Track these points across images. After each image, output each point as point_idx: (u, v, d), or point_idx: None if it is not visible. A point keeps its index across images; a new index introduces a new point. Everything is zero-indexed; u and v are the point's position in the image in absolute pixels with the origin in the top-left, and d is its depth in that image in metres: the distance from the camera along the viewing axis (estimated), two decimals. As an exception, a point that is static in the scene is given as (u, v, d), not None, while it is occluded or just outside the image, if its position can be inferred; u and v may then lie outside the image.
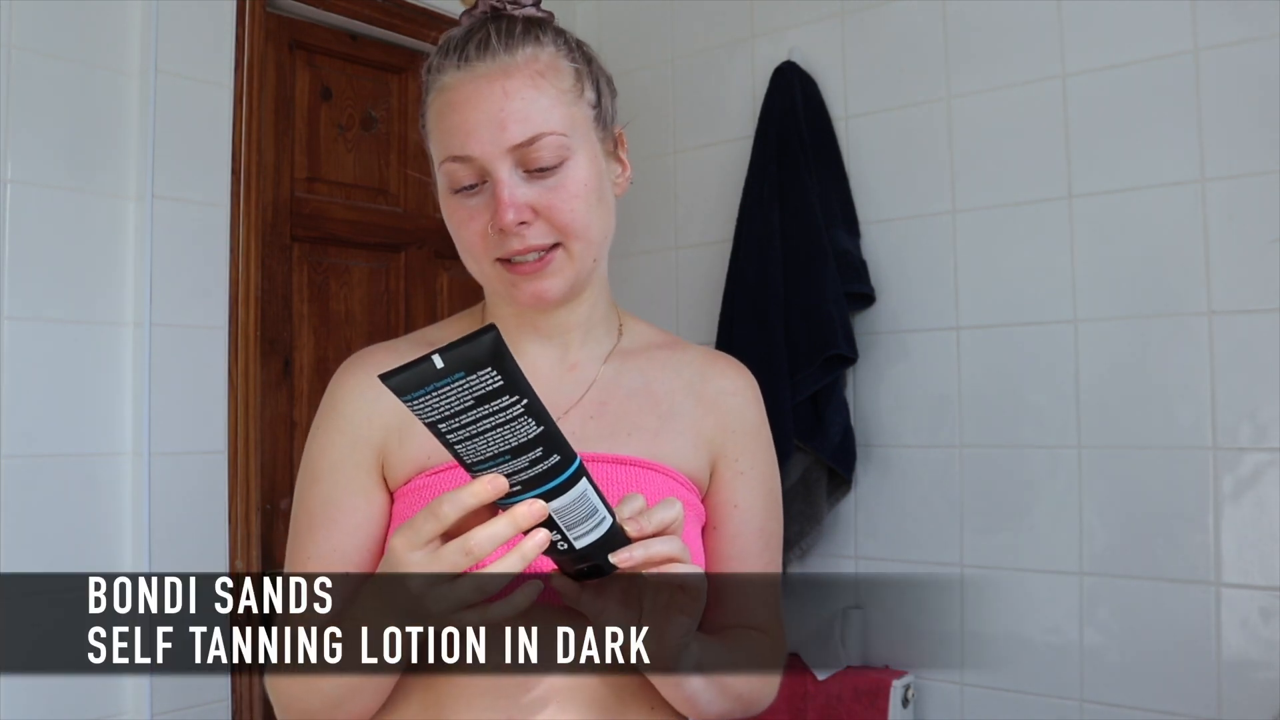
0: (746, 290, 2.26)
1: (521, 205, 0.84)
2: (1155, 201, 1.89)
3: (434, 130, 0.89)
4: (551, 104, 0.86)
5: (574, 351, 0.95)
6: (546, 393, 0.89)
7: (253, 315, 2.04)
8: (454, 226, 0.89)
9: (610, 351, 0.97)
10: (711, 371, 0.99)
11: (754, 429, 0.99)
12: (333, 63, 2.31)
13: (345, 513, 0.89)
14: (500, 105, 0.84)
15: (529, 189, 0.85)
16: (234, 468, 1.98)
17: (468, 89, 0.85)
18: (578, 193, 0.86)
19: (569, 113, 0.87)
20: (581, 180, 0.87)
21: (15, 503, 1.69)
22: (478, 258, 0.88)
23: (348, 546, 0.88)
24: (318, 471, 0.91)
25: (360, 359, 0.96)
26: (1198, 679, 1.80)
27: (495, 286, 0.90)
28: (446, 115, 0.87)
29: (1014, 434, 2.04)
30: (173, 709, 1.84)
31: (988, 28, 2.09)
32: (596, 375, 0.95)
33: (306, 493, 0.91)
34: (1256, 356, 1.78)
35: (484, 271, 0.89)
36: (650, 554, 0.70)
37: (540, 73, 0.86)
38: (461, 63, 0.86)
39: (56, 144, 1.78)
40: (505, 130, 0.84)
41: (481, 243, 0.87)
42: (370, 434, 0.91)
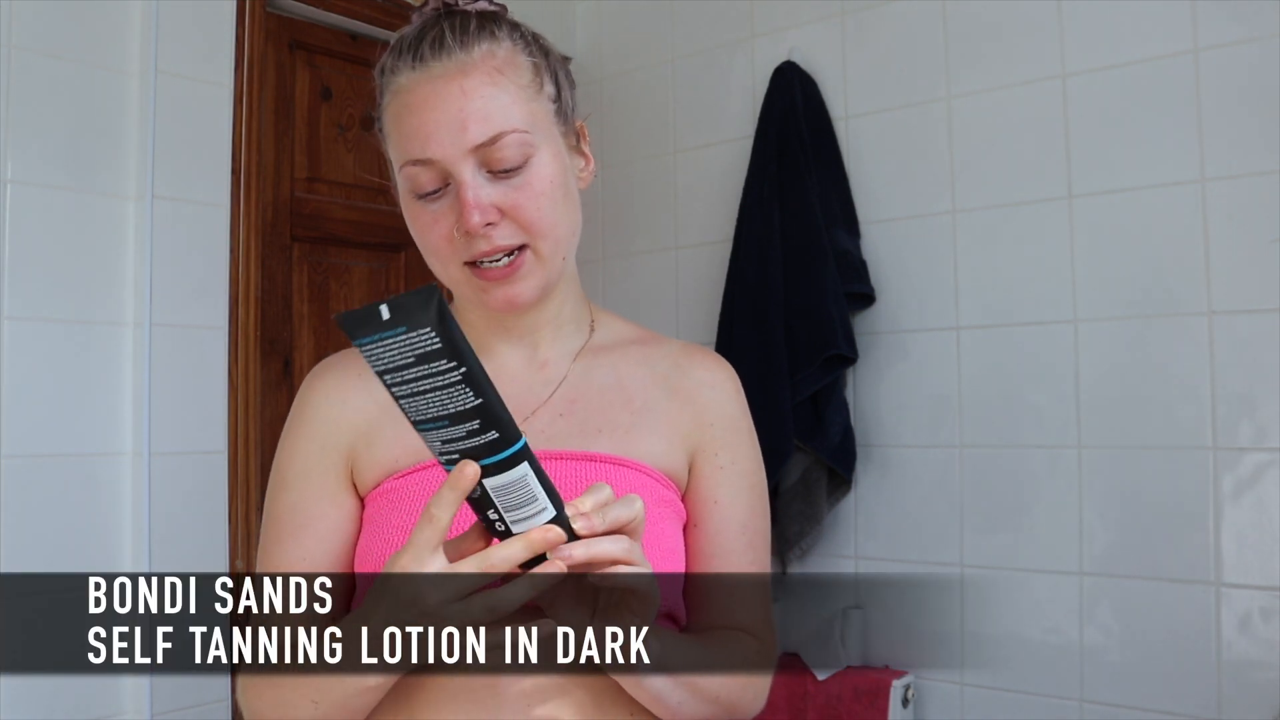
0: (746, 290, 2.26)
1: (487, 206, 0.82)
2: (1155, 201, 1.89)
3: (391, 134, 0.87)
4: (512, 101, 0.84)
5: (543, 349, 0.93)
6: (516, 392, 0.88)
7: (253, 315, 2.04)
8: (418, 232, 0.87)
9: (581, 348, 0.95)
10: (688, 364, 0.96)
11: (733, 422, 0.95)
12: (333, 63, 2.31)
13: (314, 520, 0.88)
14: (459, 105, 0.82)
15: (493, 189, 0.83)
16: (234, 468, 1.98)
17: (424, 90, 0.84)
18: (544, 190, 0.84)
19: (529, 109, 0.85)
20: (547, 177, 0.85)
21: (15, 503, 1.69)
22: (445, 262, 0.86)
23: (318, 554, 0.87)
24: (286, 479, 0.90)
25: (328, 364, 0.95)
26: (1198, 679, 1.80)
27: (464, 291, 0.88)
28: (404, 118, 0.85)
29: (1014, 434, 2.04)
30: (173, 709, 1.84)
31: (988, 28, 2.09)
32: (566, 373, 0.93)
33: (275, 500, 0.90)
34: (1256, 356, 1.78)
35: (452, 276, 0.87)
36: (592, 553, 0.67)
37: (498, 69, 0.84)
38: (417, 63, 0.84)
39: (56, 144, 1.78)
40: (466, 131, 0.82)
41: (448, 247, 0.84)
42: (338, 439, 0.89)
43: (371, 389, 0.89)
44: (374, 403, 0.89)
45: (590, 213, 0.95)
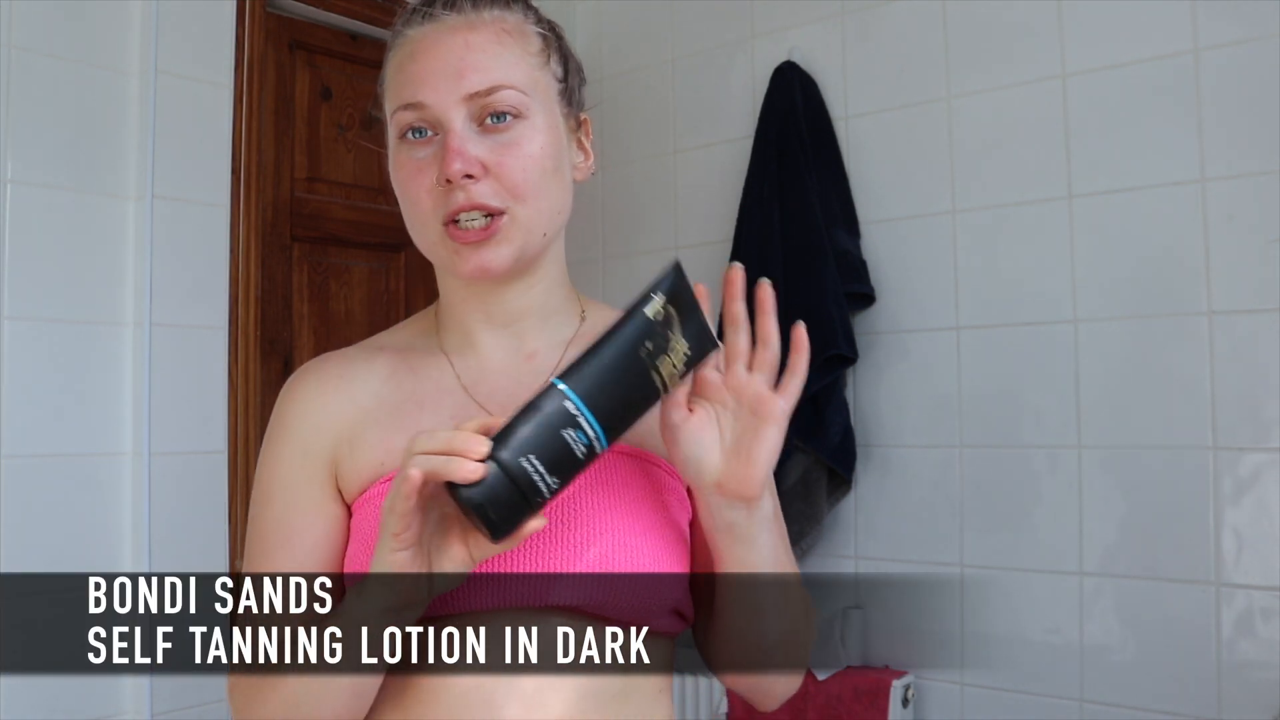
0: (746, 290, 2.26)
1: (470, 157, 0.80)
2: (1155, 201, 1.89)
3: (390, 82, 0.86)
4: (515, 60, 0.83)
5: (530, 340, 0.90)
6: (505, 384, 0.87)
7: (253, 315, 2.04)
8: (400, 182, 0.84)
9: (571, 338, 0.91)
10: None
11: None
12: (333, 63, 2.31)
13: (299, 532, 0.85)
14: (460, 55, 0.82)
15: (480, 143, 0.81)
16: (234, 468, 1.98)
17: (429, 39, 0.83)
18: (532, 154, 0.83)
19: (531, 75, 0.84)
20: (538, 143, 0.83)
21: (15, 503, 1.69)
22: (424, 219, 0.83)
23: (307, 566, 0.84)
24: (269, 491, 0.87)
25: (305, 370, 0.93)
26: (1198, 679, 1.80)
27: (440, 256, 0.85)
28: (405, 66, 0.84)
29: (1014, 434, 2.04)
30: (173, 709, 1.84)
31: (988, 28, 2.09)
32: (556, 363, 0.89)
33: (260, 513, 0.87)
34: (1256, 356, 1.78)
35: (429, 238, 0.84)
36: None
37: (506, 31, 0.84)
38: (426, 18, 0.84)
39: (56, 144, 1.78)
40: (463, 79, 0.81)
41: (428, 199, 0.82)
42: (320, 445, 0.87)
43: (351, 392, 0.88)
44: (355, 406, 0.88)
45: (590, 213, 0.95)
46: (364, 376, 0.89)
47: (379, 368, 0.90)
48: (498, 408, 0.84)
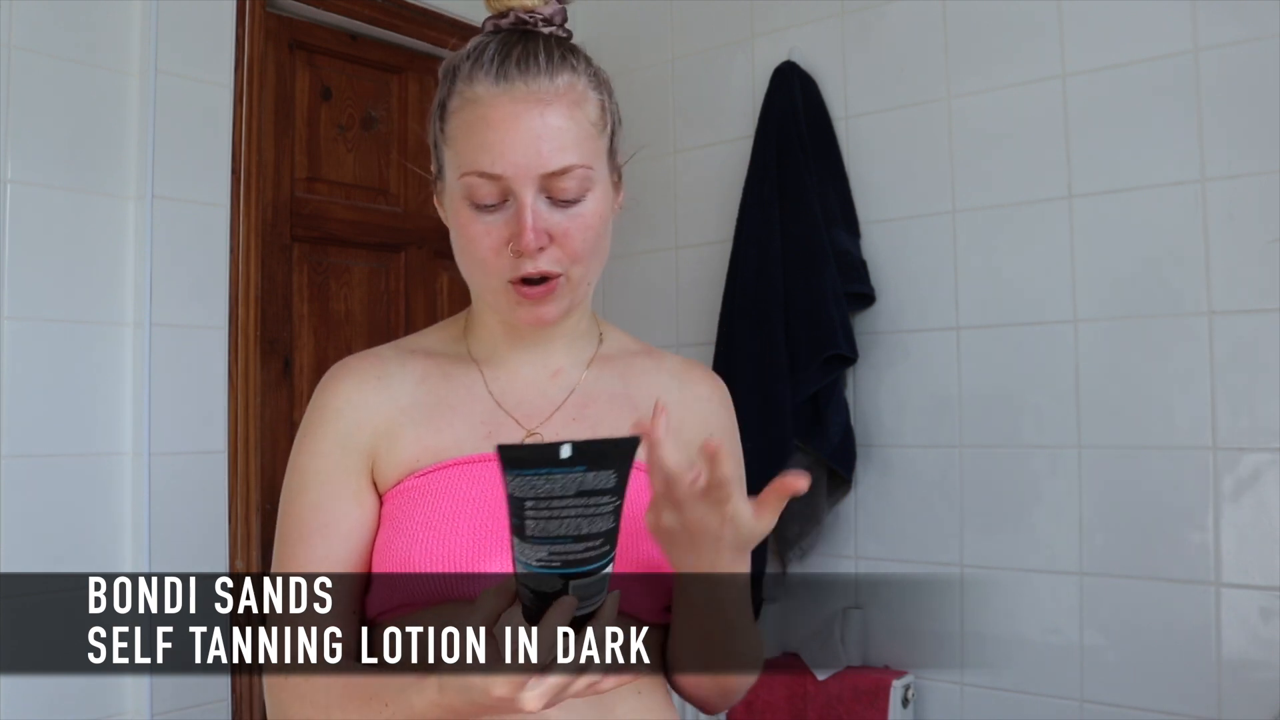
0: (746, 290, 2.26)
1: (542, 231, 0.86)
2: (1155, 201, 1.89)
3: (458, 138, 0.89)
4: (583, 136, 0.88)
5: (556, 358, 0.97)
6: (531, 397, 0.94)
7: (252, 315, 2.04)
8: (465, 239, 0.89)
9: (592, 357, 0.99)
10: (688, 379, 1.02)
11: (731, 435, 1.02)
12: (333, 63, 2.31)
13: (336, 519, 0.89)
14: (539, 133, 0.86)
15: (550, 215, 0.87)
16: (234, 468, 1.98)
17: (506, 109, 0.86)
18: (592, 224, 0.89)
19: (594, 146, 0.90)
20: (598, 213, 0.89)
21: (15, 503, 1.69)
22: (488, 273, 0.89)
23: (341, 552, 0.89)
24: (306, 479, 0.92)
25: (346, 367, 0.97)
26: (1198, 679, 1.80)
27: (498, 302, 0.91)
28: (480, 130, 0.87)
29: (1014, 434, 2.04)
30: (173, 709, 1.84)
31: (988, 28, 2.09)
32: (579, 380, 0.97)
33: (295, 500, 0.92)
34: (1256, 356, 1.78)
35: (492, 286, 0.90)
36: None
37: (576, 103, 0.88)
38: (500, 79, 0.87)
39: (56, 144, 1.78)
40: (541, 157, 0.85)
41: (495, 260, 0.88)
42: (360, 440, 0.92)
43: (391, 391, 0.94)
44: (394, 405, 0.93)
45: (590, 213, 0.96)
46: (400, 377, 0.95)
47: (413, 370, 0.96)
48: (524, 417, 0.93)
